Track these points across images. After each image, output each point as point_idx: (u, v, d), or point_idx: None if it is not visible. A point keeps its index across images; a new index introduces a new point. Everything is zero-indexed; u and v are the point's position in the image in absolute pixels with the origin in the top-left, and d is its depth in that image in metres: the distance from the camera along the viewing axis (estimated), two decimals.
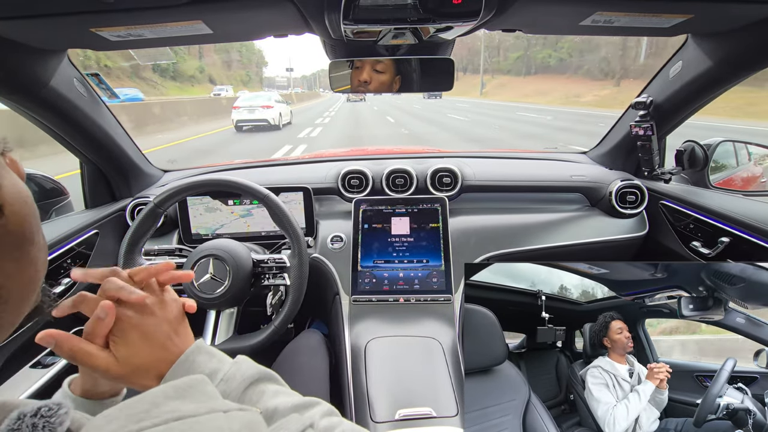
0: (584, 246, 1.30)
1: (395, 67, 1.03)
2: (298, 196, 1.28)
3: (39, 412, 0.31)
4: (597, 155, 1.57)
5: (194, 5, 0.73)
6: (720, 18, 0.88)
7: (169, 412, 0.29)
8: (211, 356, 0.51)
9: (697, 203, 1.16)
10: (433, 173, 1.37)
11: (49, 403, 0.32)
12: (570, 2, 0.79)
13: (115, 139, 1.24)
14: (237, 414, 0.31)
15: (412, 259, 1.21)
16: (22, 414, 0.30)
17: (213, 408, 0.31)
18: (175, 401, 0.31)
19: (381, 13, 0.78)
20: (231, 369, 0.51)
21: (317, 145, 9.81)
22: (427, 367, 0.93)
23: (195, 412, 0.30)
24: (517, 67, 52.38)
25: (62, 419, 0.31)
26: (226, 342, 0.96)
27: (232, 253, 0.98)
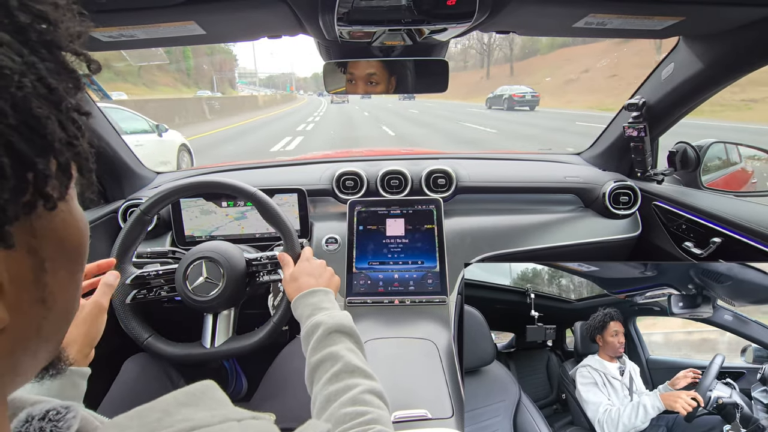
0: (578, 247, 1.30)
1: (390, 68, 1.03)
2: (293, 198, 1.27)
3: (47, 416, 0.31)
4: (590, 156, 1.58)
5: (187, 6, 0.73)
6: (711, 20, 0.89)
7: (181, 420, 0.29)
8: (329, 297, 0.76)
9: (689, 204, 1.16)
10: (428, 174, 1.37)
11: (58, 406, 0.32)
12: (563, 4, 0.80)
13: (107, 140, 1.23)
14: (251, 423, 0.31)
15: (407, 260, 1.21)
16: (30, 416, 0.30)
17: (226, 417, 0.31)
18: (188, 408, 0.30)
19: (375, 14, 0.78)
20: (336, 311, 0.69)
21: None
22: (422, 368, 0.93)
23: (208, 422, 0.30)
24: None
25: (70, 423, 0.31)
26: (226, 343, 0.96)
27: (225, 254, 0.97)
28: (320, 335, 0.64)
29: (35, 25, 0.24)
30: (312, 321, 0.68)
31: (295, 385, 0.93)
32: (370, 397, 0.53)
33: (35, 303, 0.26)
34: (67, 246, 0.28)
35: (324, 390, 0.56)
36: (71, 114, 0.26)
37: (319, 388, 0.58)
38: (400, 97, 36.38)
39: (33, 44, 0.24)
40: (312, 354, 0.63)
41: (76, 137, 0.26)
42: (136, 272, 0.98)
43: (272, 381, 0.99)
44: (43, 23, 0.25)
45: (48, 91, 0.24)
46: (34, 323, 0.27)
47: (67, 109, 0.26)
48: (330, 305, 0.73)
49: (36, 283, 0.26)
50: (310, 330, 0.67)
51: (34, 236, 0.25)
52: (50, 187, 0.24)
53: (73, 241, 0.29)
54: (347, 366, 0.58)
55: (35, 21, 0.24)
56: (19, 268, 0.25)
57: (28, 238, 0.25)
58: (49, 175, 0.24)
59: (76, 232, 0.29)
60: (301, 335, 0.69)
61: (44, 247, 0.26)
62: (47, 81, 0.24)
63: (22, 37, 0.23)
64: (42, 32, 0.24)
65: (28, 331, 0.27)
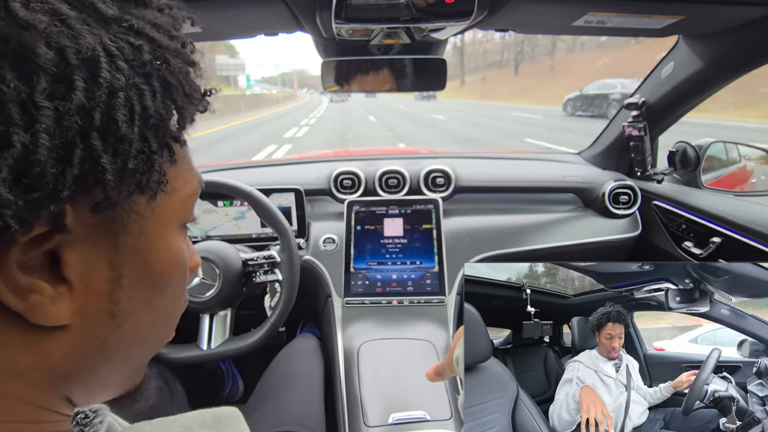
0: (578, 246, 1.30)
1: (388, 67, 1.03)
2: (290, 198, 1.27)
3: (75, 419, 0.31)
4: (590, 156, 1.58)
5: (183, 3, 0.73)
6: (711, 19, 0.89)
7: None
8: None
9: (689, 204, 1.16)
10: (426, 174, 1.37)
11: (86, 410, 0.32)
12: (563, 3, 0.80)
13: None
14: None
15: (406, 260, 1.21)
16: None
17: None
18: (210, 431, 0.31)
19: (373, 12, 0.78)
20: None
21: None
22: (420, 370, 0.93)
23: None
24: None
25: (96, 428, 0.31)
26: (223, 344, 0.96)
27: (221, 254, 0.97)
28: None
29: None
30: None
31: (292, 387, 0.93)
32: None
33: (103, 315, 0.27)
34: (149, 271, 0.28)
35: None
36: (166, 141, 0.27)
37: None
38: (417, 96, 34.12)
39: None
40: None
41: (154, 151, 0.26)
42: None
43: (269, 383, 0.99)
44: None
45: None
46: (99, 335, 0.27)
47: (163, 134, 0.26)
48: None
49: (109, 296, 0.26)
50: None
51: (117, 250, 0.26)
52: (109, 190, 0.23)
53: (158, 269, 0.29)
54: None
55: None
56: (96, 276, 0.25)
57: (112, 251, 0.25)
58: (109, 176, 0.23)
59: (165, 263, 0.29)
60: None
61: (126, 263, 0.26)
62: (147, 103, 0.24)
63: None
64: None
65: (91, 340, 0.27)
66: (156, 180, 0.26)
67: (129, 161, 0.23)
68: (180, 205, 0.30)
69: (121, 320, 0.28)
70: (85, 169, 0.22)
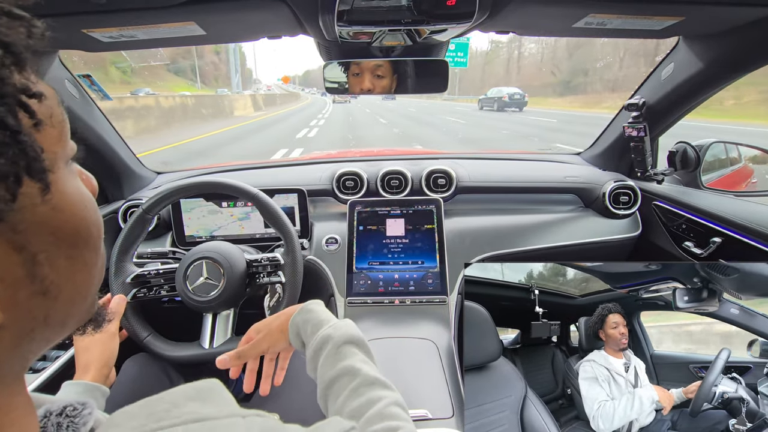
0: (578, 247, 1.30)
1: (390, 68, 1.04)
2: (293, 198, 1.27)
3: (64, 411, 0.31)
4: (591, 156, 1.58)
5: (187, 6, 0.73)
6: (711, 20, 0.90)
7: (188, 413, 0.30)
8: (324, 308, 0.68)
9: (689, 204, 1.17)
10: (428, 174, 1.37)
11: (75, 403, 0.32)
12: (563, 4, 0.80)
13: (107, 140, 1.23)
14: (256, 419, 0.32)
15: (407, 260, 1.21)
16: (48, 411, 0.31)
17: (232, 412, 0.31)
18: (195, 402, 0.31)
19: (375, 14, 0.78)
20: (339, 322, 0.64)
21: None
22: (422, 368, 0.93)
23: (215, 415, 0.30)
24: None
25: (86, 420, 0.31)
26: (225, 344, 0.96)
27: (225, 254, 0.97)
28: (330, 350, 0.59)
29: None
30: (318, 337, 0.62)
31: (294, 386, 0.93)
32: (396, 410, 0.50)
33: (34, 296, 0.26)
34: (62, 234, 0.27)
35: (345, 407, 0.52)
36: (18, 98, 0.23)
37: (338, 405, 0.53)
38: (443, 97, 33.25)
39: None
40: (324, 371, 0.58)
41: (19, 131, 0.23)
42: (136, 271, 0.98)
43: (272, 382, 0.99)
44: None
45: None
46: (39, 315, 0.26)
47: (6, 94, 0.23)
48: (327, 315, 0.67)
49: (31, 278, 0.25)
50: (318, 346, 0.61)
51: (15, 232, 0.24)
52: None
53: (68, 228, 0.27)
54: (366, 379, 0.54)
55: None
56: (7, 266, 0.24)
57: (9, 234, 0.23)
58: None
59: (72, 218, 0.27)
60: (308, 354, 0.63)
61: (32, 240, 0.25)
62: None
63: None
64: None
65: (32, 323, 0.26)
66: (27, 162, 0.23)
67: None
68: (58, 145, 0.27)
69: (56, 292, 0.27)
70: None
